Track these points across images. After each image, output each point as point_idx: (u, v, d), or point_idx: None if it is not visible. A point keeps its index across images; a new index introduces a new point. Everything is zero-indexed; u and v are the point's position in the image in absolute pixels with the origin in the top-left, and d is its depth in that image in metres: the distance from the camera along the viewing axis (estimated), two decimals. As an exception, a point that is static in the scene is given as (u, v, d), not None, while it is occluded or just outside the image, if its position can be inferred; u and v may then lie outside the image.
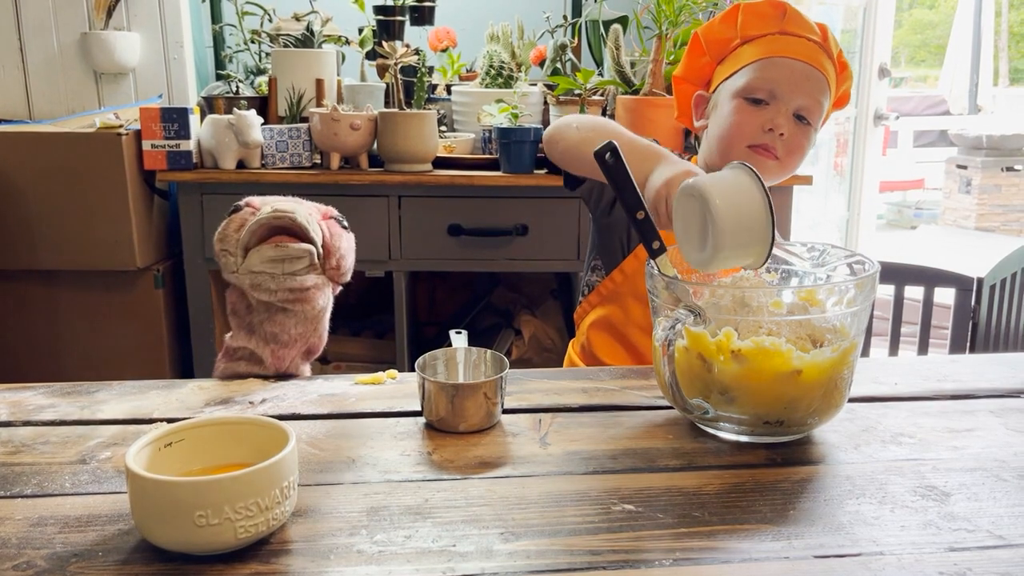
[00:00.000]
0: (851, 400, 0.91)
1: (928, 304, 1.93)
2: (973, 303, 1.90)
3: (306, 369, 1.05)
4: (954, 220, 6.87)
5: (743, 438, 0.83)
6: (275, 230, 0.96)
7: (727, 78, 1.26)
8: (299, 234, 0.96)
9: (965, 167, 6.78)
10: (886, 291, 1.93)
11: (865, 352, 1.88)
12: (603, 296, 1.31)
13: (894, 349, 1.95)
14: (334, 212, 1.03)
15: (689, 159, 1.35)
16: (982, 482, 0.75)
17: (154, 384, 0.99)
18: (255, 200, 0.98)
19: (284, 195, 1.03)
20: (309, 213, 0.98)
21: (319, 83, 2.19)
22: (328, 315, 1.03)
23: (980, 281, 1.90)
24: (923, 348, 1.94)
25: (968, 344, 1.92)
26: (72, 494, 0.72)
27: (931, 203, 8.12)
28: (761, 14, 1.24)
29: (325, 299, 1.01)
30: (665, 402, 0.90)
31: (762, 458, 0.80)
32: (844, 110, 3.36)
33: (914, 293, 1.94)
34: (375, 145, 2.09)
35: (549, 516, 0.69)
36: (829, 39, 1.24)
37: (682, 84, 1.34)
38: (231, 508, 0.62)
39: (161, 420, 0.88)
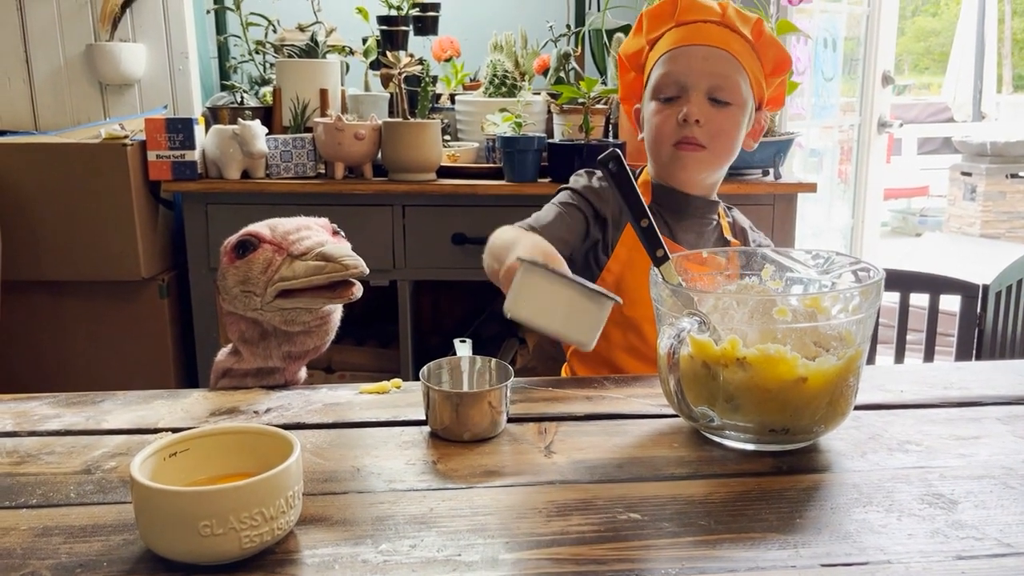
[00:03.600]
0: (857, 408, 0.90)
1: (933, 311, 1.92)
2: (979, 310, 1.89)
3: (303, 372, 1.05)
4: (959, 227, 6.86)
5: (749, 446, 0.83)
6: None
7: (645, 85, 1.28)
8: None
9: (969, 174, 6.77)
10: (891, 298, 1.93)
11: (871, 359, 1.88)
12: None
13: (900, 356, 1.94)
14: (333, 225, 1.03)
15: None
16: (990, 490, 0.75)
17: (159, 394, 0.99)
18: (264, 233, 0.95)
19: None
20: (336, 243, 0.97)
21: (323, 93, 2.20)
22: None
23: (986, 288, 1.89)
24: (929, 355, 1.93)
25: (974, 351, 1.91)
26: (77, 504, 0.72)
27: (936, 210, 8.11)
28: (658, 14, 1.25)
29: (339, 313, 1.02)
30: (670, 410, 0.90)
31: (768, 466, 0.80)
32: (848, 117, 3.36)
33: (919, 300, 1.94)
34: (379, 154, 2.10)
35: (554, 525, 0.68)
36: (729, 14, 1.22)
37: (626, 105, 1.37)
38: (236, 518, 0.61)
39: (166, 430, 0.88)
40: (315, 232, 0.97)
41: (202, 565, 0.63)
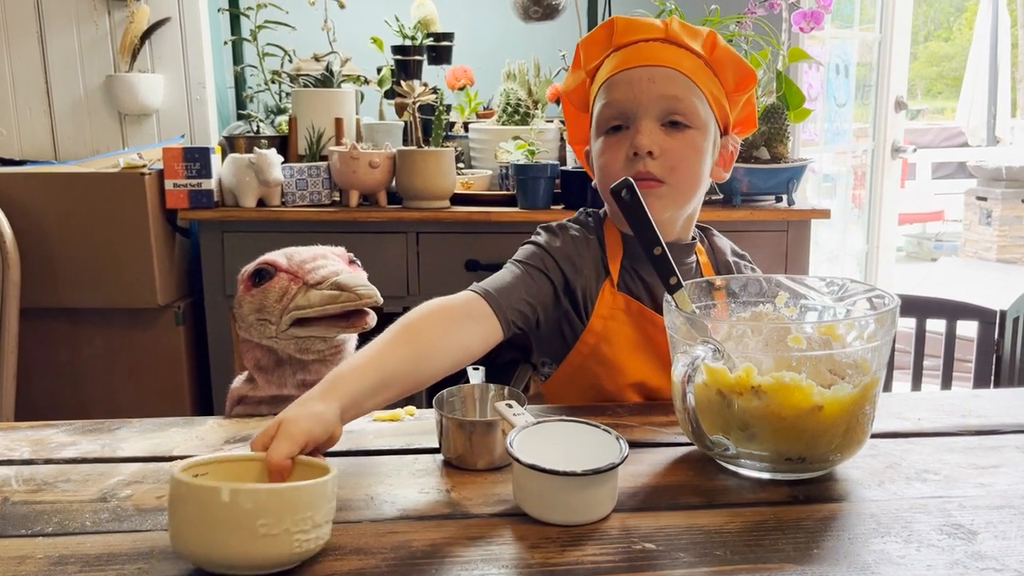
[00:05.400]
0: (874, 436, 0.89)
1: (950, 337, 1.91)
2: (996, 336, 1.88)
3: None
4: (975, 252, 6.81)
5: (765, 475, 0.82)
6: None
7: (591, 123, 1.14)
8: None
9: (985, 199, 6.74)
10: (907, 324, 1.91)
11: (887, 386, 1.86)
12: (561, 384, 1.15)
13: (916, 383, 1.92)
14: (350, 255, 1.04)
15: None
16: (1010, 520, 0.74)
17: (174, 421, 0.99)
18: (280, 262, 0.96)
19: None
20: (352, 272, 0.97)
21: (338, 122, 2.22)
22: None
23: (1003, 314, 1.87)
24: (946, 382, 1.91)
25: (992, 378, 1.89)
26: (93, 532, 0.72)
27: (951, 235, 8.06)
28: (594, 41, 1.12)
29: (354, 341, 1.02)
30: (686, 439, 0.90)
31: (784, 495, 0.79)
32: (861, 143, 3.36)
33: (936, 326, 1.92)
34: (394, 182, 2.11)
35: (569, 555, 0.68)
36: (674, 29, 1.08)
37: (576, 148, 1.22)
38: (291, 519, 0.63)
39: (181, 458, 0.88)
40: (331, 261, 0.98)
41: (250, 572, 0.64)
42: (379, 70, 2.44)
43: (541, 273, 1.08)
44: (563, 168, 2.12)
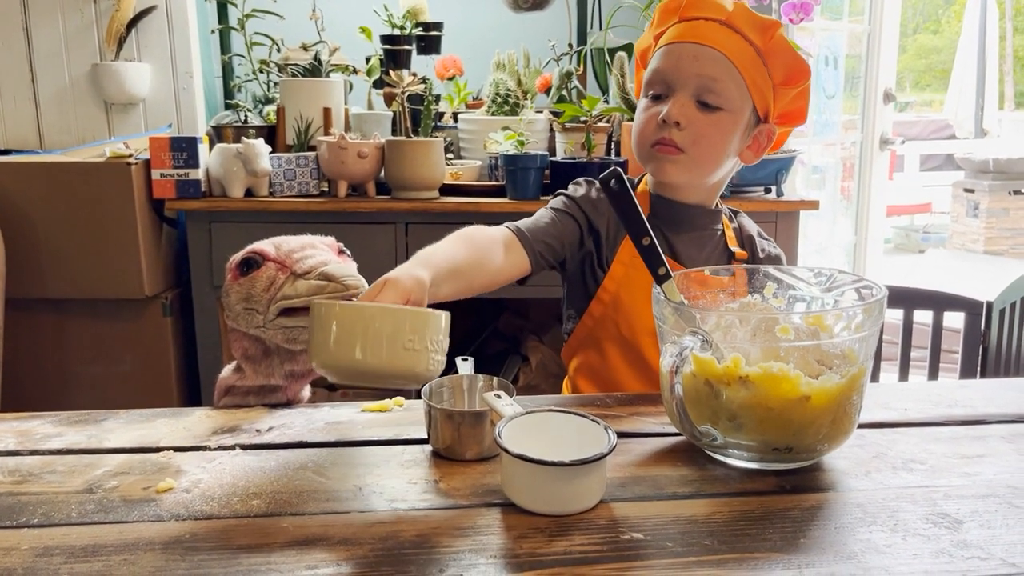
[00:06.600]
0: (861, 426, 0.90)
1: (937, 328, 1.92)
2: (983, 327, 1.89)
3: (306, 391, 1.05)
4: (962, 244, 6.86)
5: (752, 465, 0.83)
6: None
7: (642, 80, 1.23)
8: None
9: (972, 191, 6.78)
10: (895, 315, 1.92)
11: (875, 377, 1.87)
12: (580, 340, 1.25)
13: (904, 374, 1.93)
14: (339, 245, 1.03)
15: None
16: (995, 509, 0.74)
17: (161, 412, 0.99)
18: (268, 251, 0.96)
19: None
20: (341, 262, 0.97)
21: (327, 112, 2.21)
22: None
23: (990, 305, 1.89)
24: (933, 373, 1.93)
25: (979, 369, 1.91)
26: (78, 524, 0.72)
27: (939, 227, 8.11)
28: (666, 8, 1.18)
29: None
30: (674, 429, 0.90)
31: (771, 485, 0.79)
32: (850, 135, 3.36)
33: (923, 317, 1.93)
34: (382, 173, 2.10)
35: (557, 545, 0.68)
36: (737, 14, 1.13)
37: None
38: (430, 339, 0.77)
39: (168, 449, 0.88)
40: (320, 251, 0.97)
41: (393, 387, 0.81)
42: (368, 60, 2.43)
43: (567, 215, 1.21)
44: (552, 159, 2.11)
